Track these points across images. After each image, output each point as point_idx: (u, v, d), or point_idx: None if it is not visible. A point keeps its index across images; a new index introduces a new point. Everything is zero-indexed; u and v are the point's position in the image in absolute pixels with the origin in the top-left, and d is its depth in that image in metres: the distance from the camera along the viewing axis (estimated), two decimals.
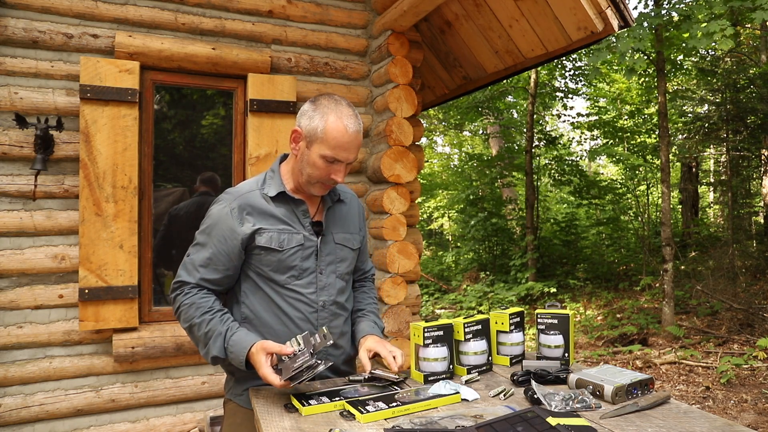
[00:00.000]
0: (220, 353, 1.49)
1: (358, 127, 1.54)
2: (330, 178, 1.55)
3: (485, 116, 12.57)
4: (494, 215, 11.86)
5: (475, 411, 1.31)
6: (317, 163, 1.53)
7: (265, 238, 1.55)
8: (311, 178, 1.56)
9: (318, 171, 1.54)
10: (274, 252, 1.55)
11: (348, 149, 1.52)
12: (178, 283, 1.58)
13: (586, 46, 3.50)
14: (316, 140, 1.52)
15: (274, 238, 1.56)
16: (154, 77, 3.23)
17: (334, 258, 1.65)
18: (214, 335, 1.50)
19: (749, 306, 6.81)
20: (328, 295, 1.63)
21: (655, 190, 12.50)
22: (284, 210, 1.60)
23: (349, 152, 1.52)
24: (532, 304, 9.38)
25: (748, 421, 4.07)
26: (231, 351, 1.47)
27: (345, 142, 1.51)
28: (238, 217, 1.55)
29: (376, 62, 3.72)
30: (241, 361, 1.46)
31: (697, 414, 1.28)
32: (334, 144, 1.50)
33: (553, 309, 1.80)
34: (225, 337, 1.49)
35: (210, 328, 1.50)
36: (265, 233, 1.55)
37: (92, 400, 2.96)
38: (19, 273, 2.88)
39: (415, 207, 3.81)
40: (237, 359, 1.46)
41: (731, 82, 9.29)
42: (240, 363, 1.46)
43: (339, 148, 1.51)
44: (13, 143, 2.86)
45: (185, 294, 1.56)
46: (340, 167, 1.54)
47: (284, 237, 1.56)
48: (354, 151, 1.54)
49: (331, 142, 1.50)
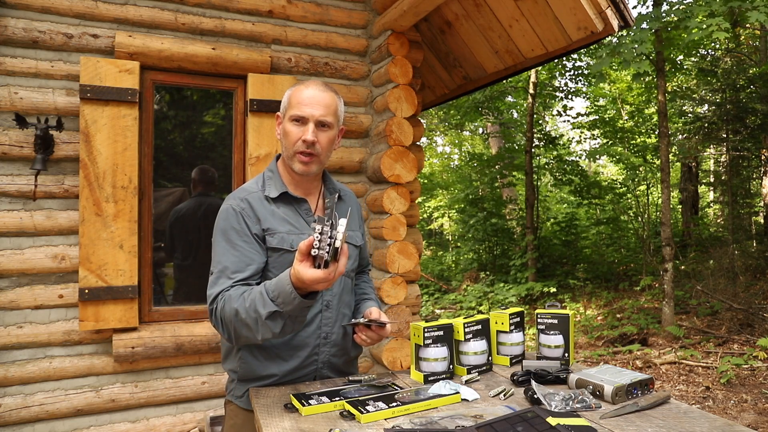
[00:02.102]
0: (270, 308, 1.33)
1: (323, 88, 1.57)
2: (301, 140, 1.53)
3: (485, 116, 12.58)
4: (494, 215, 11.87)
5: (475, 411, 1.31)
6: (288, 129, 1.56)
7: (277, 239, 1.54)
8: (287, 150, 1.57)
9: (290, 137, 1.55)
10: (287, 253, 1.53)
11: (310, 104, 1.53)
12: (212, 298, 1.47)
13: (586, 46, 3.51)
14: (286, 111, 1.58)
15: (285, 240, 1.54)
16: (154, 77, 3.23)
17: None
18: (257, 298, 1.36)
19: (749, 306, 6.81)
20: (332, 294, 1.61)
21: (655, 190, 12.50)
22: (287, 210, 1.59)
23: (312, 107, 1.53)
24: (532, 304, 9.38)
25: (748, 421, 4.07)
26: (275, 296, 1.32)
27: (306, 97, 1.54)
28: (250, 217, 1.54)
29: (376, 62, 3.72)
30: (290, 293, 1.29)
31: (697, 414, 1.28)
32: (296, 102, 1.55)
33: (553, 309, 1.79)
34: (263, 290, 1.36)
35: (251, 298, 1.37)
36: (276, 235, 1.54)
37: (92, 400, 2.96)
38: (19, 273, 2.88)
39: (415, 207, 3.81)
40: (287, 296, 1.30)
41: (731, 82, 9.29)
42: (293, 298, 1.29)
43: (300, 104, 1.54)
44: (13, 143, 2.86)
45: (222, 299, 1.45)
46: (308, 127, 1.54)
47: (293, 238, 1.55)
48: (318, 108, 1.54)
49: (293, 101, 1.56)
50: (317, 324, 1.59)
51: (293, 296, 1.29)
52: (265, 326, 1.34)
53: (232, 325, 1.41)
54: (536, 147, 11.40)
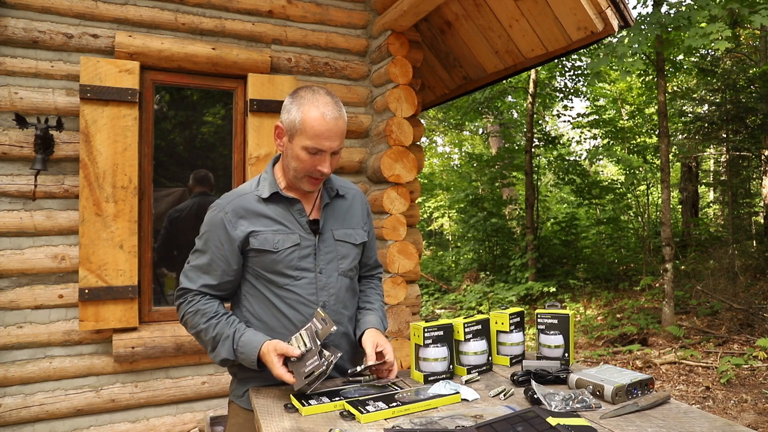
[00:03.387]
0: (229, 355, 1.50)
1: (338, 113, 1.50)
2: (316, 170, 1.51)
3: (485, 116, 12.57)
4: (494, 215, 11.86)
5: (475, 411, 1.31)
6: (301, 156, 1.50)
7: (260, 240, 1.53)
8: (297, 172, 1.53)
9: (303, 164, 1.51)
10: (269, 253, 1.54)
11: (329, 137, 1.48)
12: (181, 291, 1.58)
13: (585, 46, 3.51)
14: (296, 133, 1.50)
15: (269, 240, 1.54)
16: (154, 77, 3.23)
17: (334, 255, 1.62)
18: (222, 338, 1.50)
19: (749, 306, 6.81)
20: (329, 294, 1.60)
21: (655, 190, 12.50)
22: (279, 210, 1.58)
23: (330, 140, 1.49)
24: (532, 304, 9.38)
25: (748, 421, 4.07)
26: (241, 352, 1.48)
27: (324, 130, 1.47)
28: (231, 222, 1.53)
29: (376, 62, 3.71)
30: (252, 361, 1.46)
31: (697, 414, 1.28)
32: (313, 134, 1.47)
33: (553, 309, 1.79)
34: (233, 339, 1.50)
35: (217, 332, 1.51)
36: (259, 235, 1.54)
37: (92, 400, 2.96)
38: (19, 273, 2.88)
39: (415, 207, 3.81)
40: (248, 359, 1.47)
41: (731, 82, 9.29)
42: (252, 363, 1.47)
43: (319, 137, 1.47)
44: (13, 143, 2.86)
45: (189, 302, 1.56)
46: (325, 157, 1.50)
47: (279, 238, 1.54)
48: (336, 139, 1.50)
49: (309, 132, 1.47)
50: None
51: (252, 363, 1.48)
52: (216, 359, 1.54)
53: (191, 332, 1.59)
54: (536, 147, 11.40)
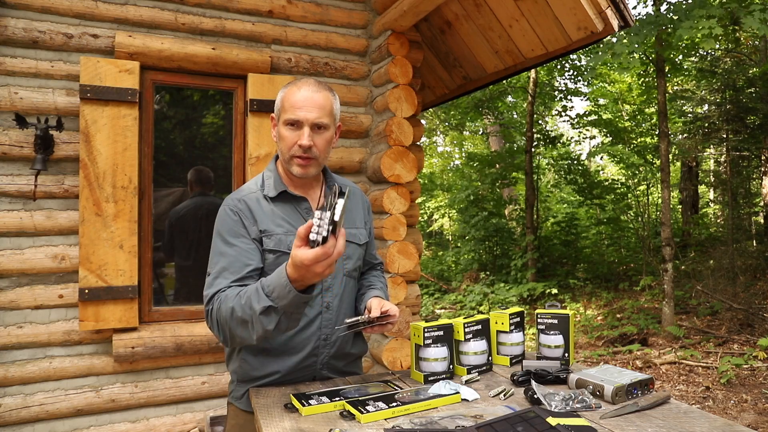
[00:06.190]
0: (264, 302, 1.29)
1: (316, 88, 1.52)
2: (297, 145, 1.51)
3: (485, 116, 12.57)
4: (494, 215, 11.86)
5: (475, 411, 1.31)
6: (283, 134, 1.53)
7: (274, 241, 1.52)
8: (284, 153, 1.54)
9: (285, 142, 1.52)
10: (285, 255, 1.50)
11: (303, 106, 1.49)
12: (208, 298, 1.46)
13: (586, 46, 3.51)
14: (279, 114, 1.54)
15: (282, 241, 1.52)
16: (154, 77, 3.23)
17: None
18: (252, 294, 1.33)
19: (749, 306, 6.81)
20: (333, 295, 1.59)
21: (655, 190, 12.50)
22: (287, 209, 1.57)
23: (306, 110, 1.49)
24: (533, 304, 9.38)
25: (748, 421, 4.07)
26: (270, 289, 1.29)
27: (299, 99, 1.50)
28: (244, 218, 1.52)
29: (376, 62, 3.71)
30: (285, 285, 1.25)
31: (697, 414, 1.28)
32: (290, 105, 1.50)
33: (553, 309, 1.79)
34: (259, 286, 1.33)
35: (247, 295, 1.34)
36: (273, 236, 1.52)
37: (92, 400, 2.96)
38: (19, 273, 2.88)
39: (415, 207, 3.81)
40: (283, 290, 1.26)
41: (731, 82, 9.29)
42: (288, 291, 1.25)
43: (293, 107, 1.49)
44: (13, 143, 2.86)
45: (217, 300, 1.43)
46: (304, 131, 1.50)
47: (290, 239, 1.53)
48: (313, 110, 1.49)
49: (286, 104, 1.51)
50: (317, 325, 1.58)
51: (288, 289, 1.24)
52: (259, 322, 1.30)
53: (227, 325, 1.38)
54: (536, 147, 11.40)
